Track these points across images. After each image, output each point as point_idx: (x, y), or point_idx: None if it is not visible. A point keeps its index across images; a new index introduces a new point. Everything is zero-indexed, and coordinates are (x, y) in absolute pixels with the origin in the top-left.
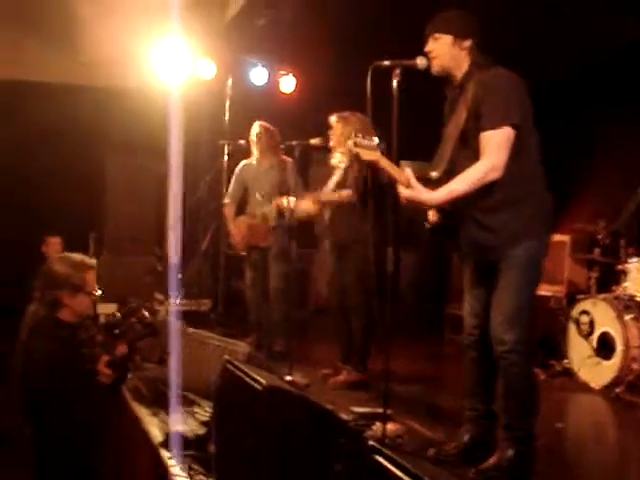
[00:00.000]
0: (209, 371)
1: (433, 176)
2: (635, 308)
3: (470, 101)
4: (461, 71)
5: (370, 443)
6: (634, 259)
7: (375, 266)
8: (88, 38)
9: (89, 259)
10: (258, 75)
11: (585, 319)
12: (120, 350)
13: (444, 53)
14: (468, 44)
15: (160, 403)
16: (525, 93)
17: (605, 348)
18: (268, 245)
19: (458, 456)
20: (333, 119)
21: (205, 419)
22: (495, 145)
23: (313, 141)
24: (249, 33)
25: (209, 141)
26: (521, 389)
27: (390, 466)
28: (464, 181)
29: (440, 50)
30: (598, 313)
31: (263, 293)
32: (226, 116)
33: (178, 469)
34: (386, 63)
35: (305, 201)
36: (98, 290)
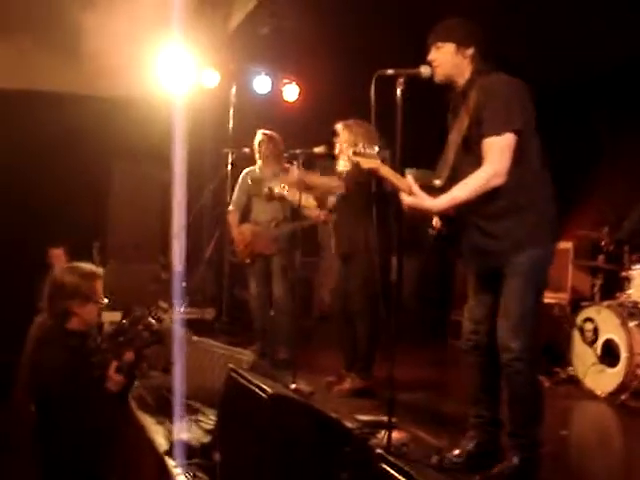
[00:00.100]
0: (213, 379)
1: (436, 184)
2: (639, 315)
3: (472, 107)
4: (464, 79)
5: (376, 451)
6: (638, 266)
7: (380, 273)
8: (93, 48)
9: (97, 268)
10: (262, 84)
11: (589, 326)
12: (127, 357)
13: (447, 61)
14: (470, 52)
15: (165, 411)
16: (527, 98)
17: (609, 355)
18: (272, 253)
19: (463, 464)
20: (339, 126)
21: (210, 427)
22: (497, 151)
23: (317, 149)
24: (253, 42)
25: (213, 149)
26: (526, 396)
27: (396, 474)
28: (467, 188)
29: (443, 59)
30: (602, 320)
31: (267, 301)
32: (230, 124)
33: (183, 477)
34: (390, 72)
35: (289, 178)
36: (104, 298)
